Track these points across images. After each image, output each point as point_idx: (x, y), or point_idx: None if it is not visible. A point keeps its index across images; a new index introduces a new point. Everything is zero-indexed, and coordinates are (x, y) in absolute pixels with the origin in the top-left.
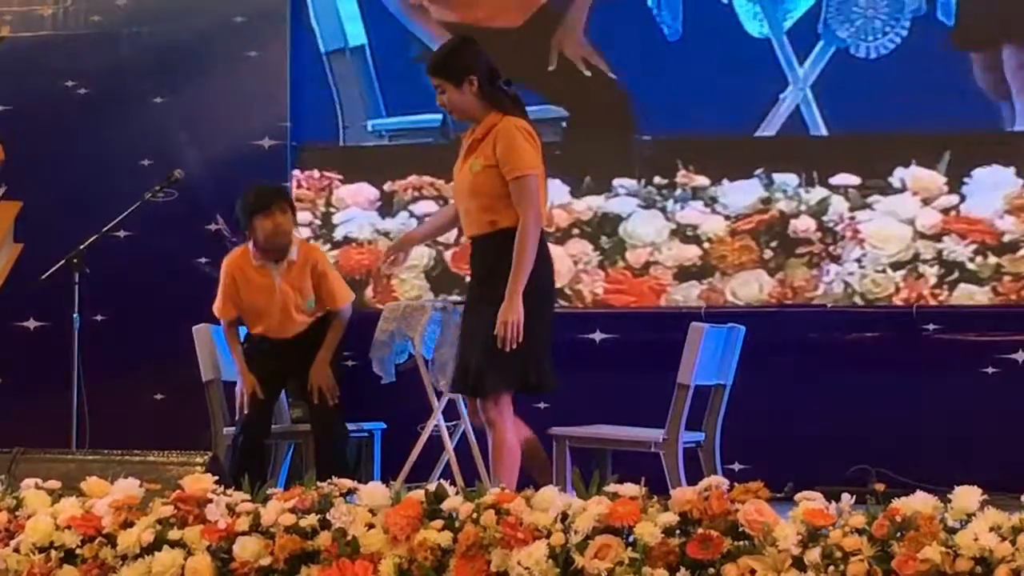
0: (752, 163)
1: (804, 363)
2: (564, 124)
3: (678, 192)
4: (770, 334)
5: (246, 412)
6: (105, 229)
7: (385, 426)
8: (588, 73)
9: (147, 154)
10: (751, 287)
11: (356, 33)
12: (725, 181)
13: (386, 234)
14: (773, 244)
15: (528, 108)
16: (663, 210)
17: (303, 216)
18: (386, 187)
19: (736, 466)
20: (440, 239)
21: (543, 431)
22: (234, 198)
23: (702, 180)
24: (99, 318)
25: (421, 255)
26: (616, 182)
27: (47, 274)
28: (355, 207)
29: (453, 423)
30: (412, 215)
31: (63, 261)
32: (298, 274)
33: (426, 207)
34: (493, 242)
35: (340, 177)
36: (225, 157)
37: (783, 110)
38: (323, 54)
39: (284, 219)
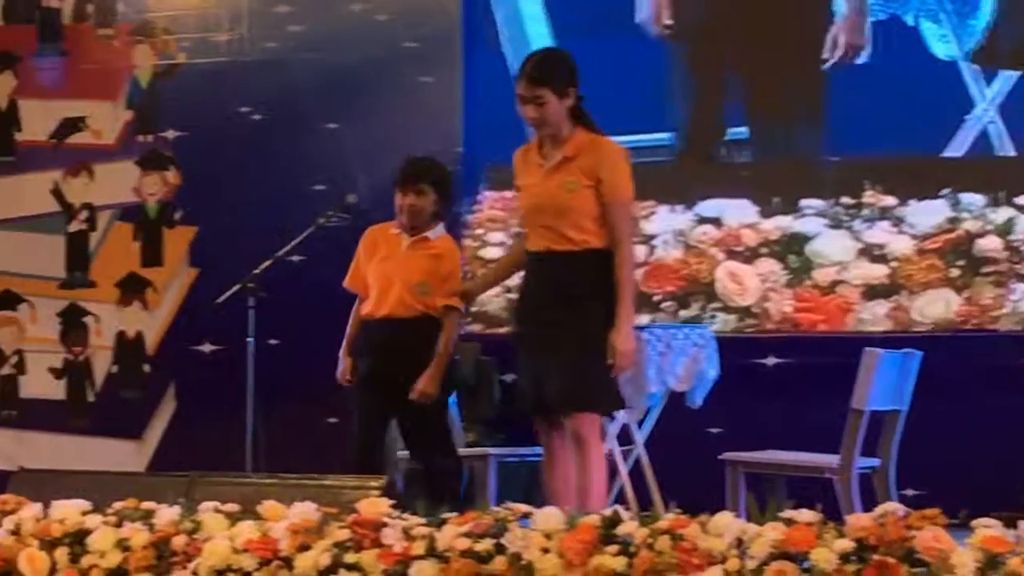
0: (939, 183)
1: (980, 388)
2: (753, 144)
3: (865, 212)
4: (946, 359)
5: (355, 452)
6: (279, 254)
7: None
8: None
9: (320, 179)
10: (937, 306)
11: None
12: (912, 201)
13: None
14: (960, 263)
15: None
16: (850, 229)
17: (495, 236)
18: None
19: (910, 492)
20: None
21: (716, 456)
22: None
23: (889, 200)
24: (273, 342)
25: None
26: (804, 202)
27: (222, 299)
28: None
29: (627, 448)
30: None
31: (238, 286)
32: (426, 252)
33: None
34: (579, 261)
35: None
36: None
37: (970, 131)
38: (514, 77)
39: (419, 201)
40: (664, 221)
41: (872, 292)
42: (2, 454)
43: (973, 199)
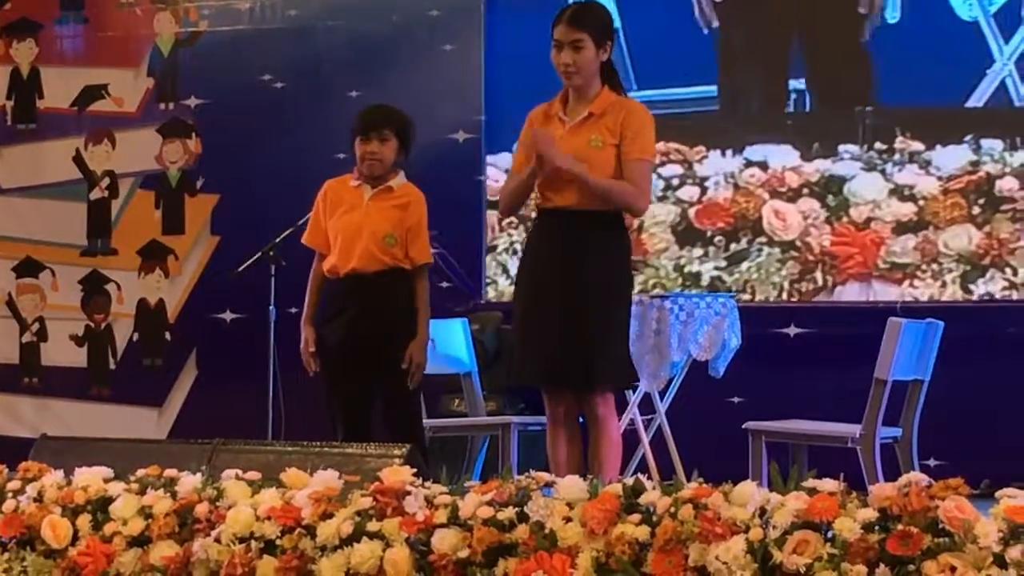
0: (962, 130)
1: (1001, 358)
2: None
3: (896, 156)
4: (968, 329)
5: (342, 428)
6: (300, 222)
7: (581, 420)
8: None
9: (342, 148)
10: (961, 239)
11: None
12: (938, 146)
13: None
14: (980, 202)
15: None
16: (883, 172)
17: None
18: None
19: (932, 462)
20: (684, 197)
21: (738, 425)
22: (429, 193)
23: (917, 145)
24: (294, 311)
25: (668, 212)
26: (841, 147)
27: (243, 267)
28: None
29: (648, 417)
30: (660, 176)
31: (259, 254)
32: (391, 203)
33: (672, 170)
34: (593, 221)
35: None
36: (419, 150)
37: (990, 84)
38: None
39: (382, 148)
40: (715, 164)
41: (902, 228)
42: (24, 421)
43: (993, 144)
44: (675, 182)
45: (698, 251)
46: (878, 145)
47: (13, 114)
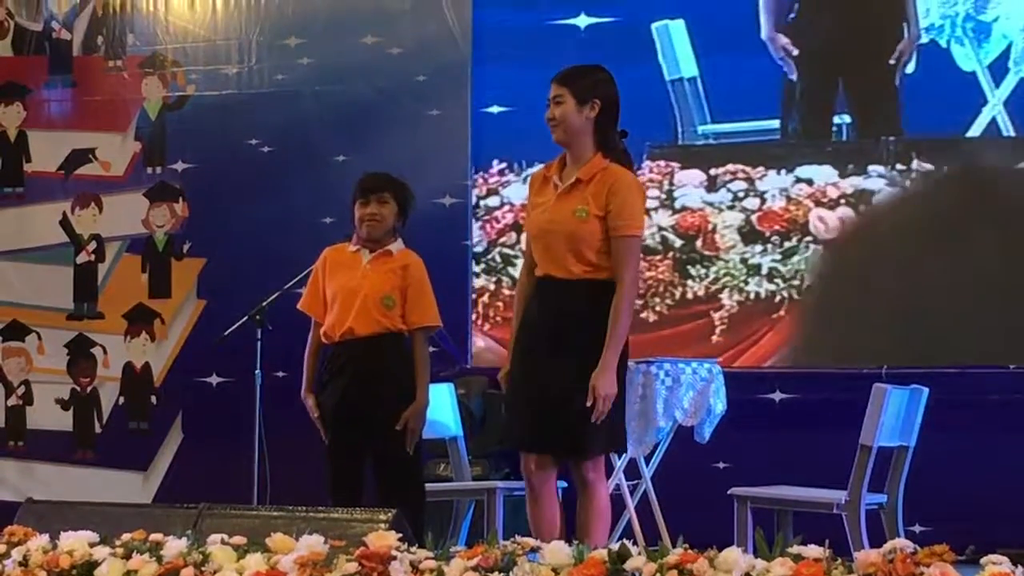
0: (962, 155)
1: (986, 424)
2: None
3: (913, 174)
4: (953, 395)
5: (332, 490)
6: (287, 286)
7: (566, 485)
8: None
9: (329, 212)
10: None
11: (689, 67)
12: (944, 167)
13: (710, 203)
14: None
15: None
16: (903, 187)
17: (652, 193)
18: (711, 172)
19: (917, 528)
20: (748, 206)
21: (723, 490)
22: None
23: (929, 166)
24: (281, 374)
25: (735, 218)
26: (870, 168)
27: (229, 331)
28: (689, 185)
29: (633, 482)
30: (728, 190)
31: (245, 318)
32: (389, 266)
33: (739, 185)
34: (580, 291)
35: (678, 165)
36: None
37: (984, 119)
38: (667, 81)
39: (381, 209)
40: (773, 181)
41: None
42: (9, 485)
43: None
44: (740, 195)
45: (759, 247)
46: (899, 166)
47: (0, 178)
